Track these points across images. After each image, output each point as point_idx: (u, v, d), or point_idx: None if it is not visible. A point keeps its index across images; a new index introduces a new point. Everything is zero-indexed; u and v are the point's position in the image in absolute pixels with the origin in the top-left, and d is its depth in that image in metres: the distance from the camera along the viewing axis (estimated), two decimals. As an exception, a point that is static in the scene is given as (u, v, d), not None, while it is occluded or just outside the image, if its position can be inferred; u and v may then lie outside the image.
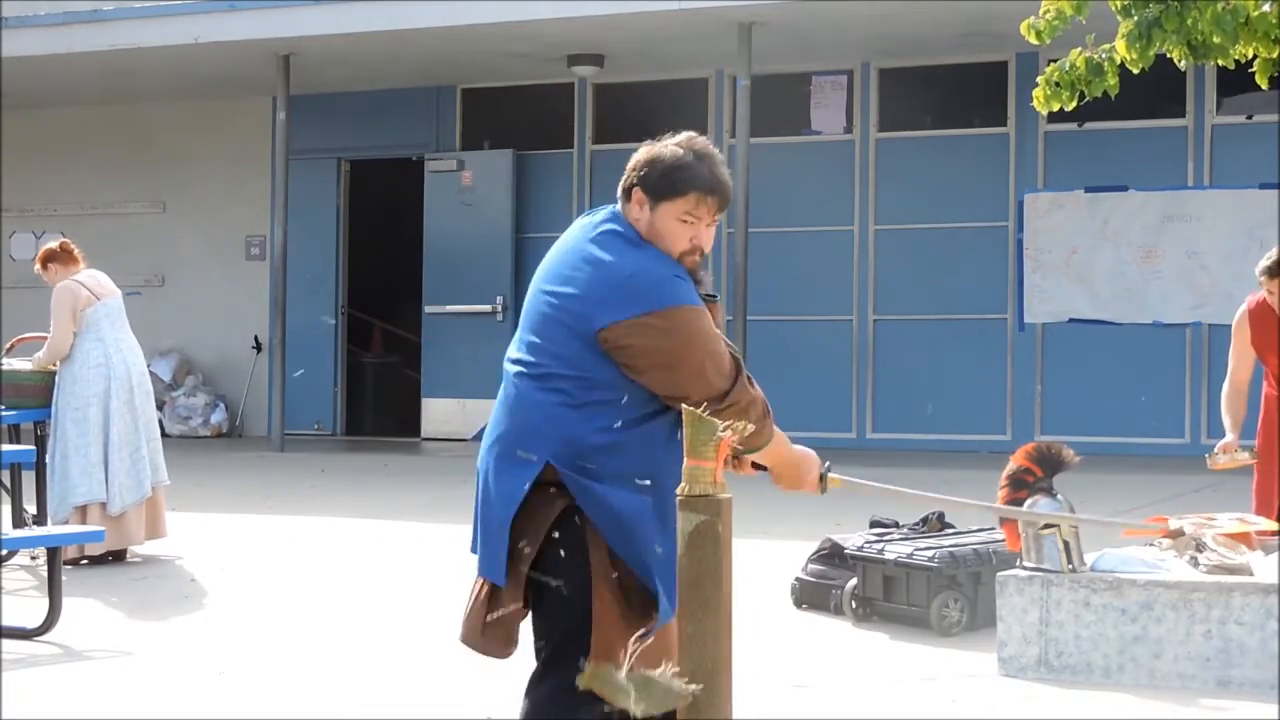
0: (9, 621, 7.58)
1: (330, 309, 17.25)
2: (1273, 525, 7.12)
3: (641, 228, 4.01)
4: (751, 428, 3.86)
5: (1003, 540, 6.87)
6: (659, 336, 3.90)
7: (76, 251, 9.58)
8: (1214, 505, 8.27)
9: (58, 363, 9.40)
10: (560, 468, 3.92)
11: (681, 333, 3.93)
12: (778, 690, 6.37)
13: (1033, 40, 8.27)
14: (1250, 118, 14.09)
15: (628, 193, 4.05)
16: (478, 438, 3.92)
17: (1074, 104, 8.23)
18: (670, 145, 4.04)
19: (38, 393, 9.48)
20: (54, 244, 9.64)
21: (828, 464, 4.17)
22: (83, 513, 9.21)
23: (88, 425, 9.27)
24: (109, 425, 9.32)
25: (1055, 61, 8.43)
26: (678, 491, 3.67)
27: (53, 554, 7.65)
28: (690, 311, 3.95)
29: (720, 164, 4.05)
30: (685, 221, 3.98)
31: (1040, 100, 8.28)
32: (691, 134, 4.09)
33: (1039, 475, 6.51)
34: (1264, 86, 8.54)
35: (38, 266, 9.60)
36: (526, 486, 3.94)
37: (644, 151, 4.06)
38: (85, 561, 9.31)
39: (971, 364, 14.84)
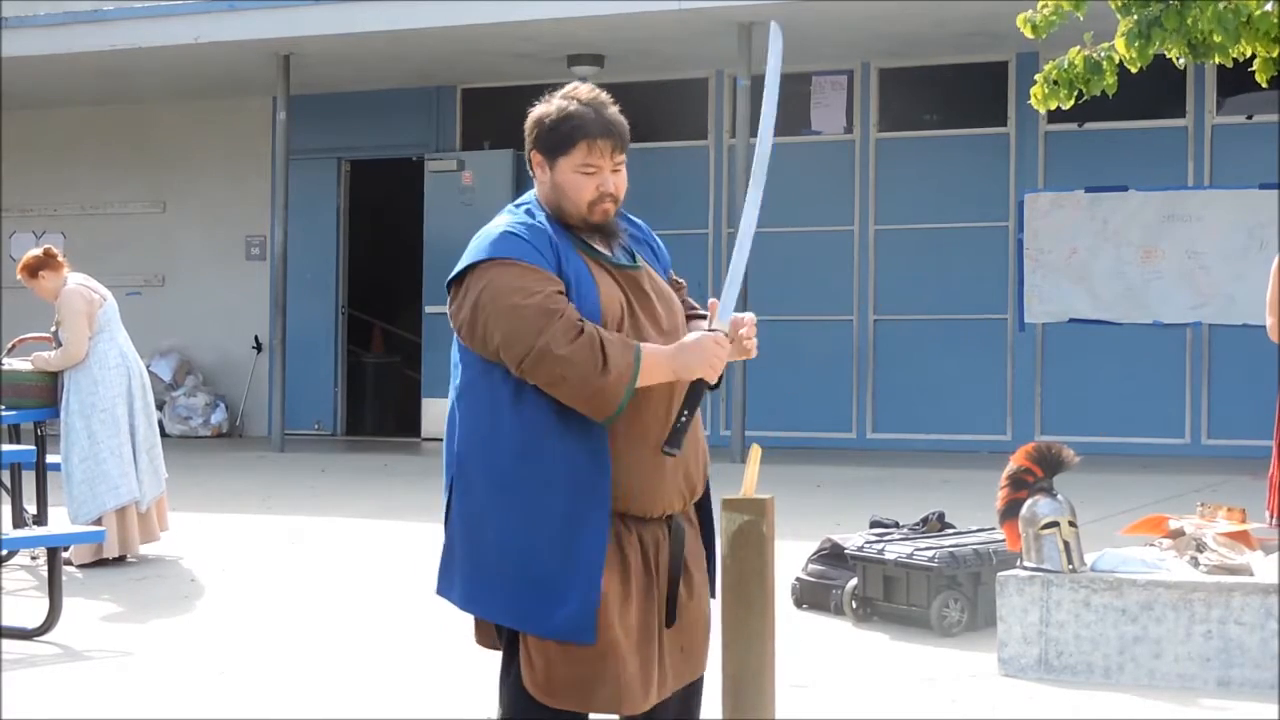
0: (9, 621, 7.58)
1: (331, 308, 17.25)
2: (1254, 524, 7.12)
3: (545, 191, 3.91)
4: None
5: (1003, 540, 6.87)
6: (465, 295, 3.85)
7: (60, 256, 9.58)
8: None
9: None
10: None
11: (478, 289, 3.82)
12: (778, 690, 6.36)
13: (1028, 34, 8.26)
14: (1250, 118, 14.09)
15: (530, 161, 3.94)
16: None
17: (1071, 102, 8.22)
18: (555, 100, 3.90)
19: (38, 393, 9.48)
20: (37, 252, 9.53)
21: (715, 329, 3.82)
22: (120, 512, 9.23)
23: (118, 425, 9.29)
24: (134, 424, 9.36)
25: (1055, 60, 8.43)
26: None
27: (53, 554, 7.65)
28: (496, 269, 3.81)
29: (608, 106, 3.88)
30: (586, 173, 3.84)
31: (1038, 98, 8.27)
32: (575, 86, 3.93)
33: (1039, 475, 6.51)
34: (1264, 85, 8.53)
35: (23, 276, 9.51)
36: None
37: (531, 114, 3.92)
38: (88, 563, 9.30)
39: (971, 364, 14.85)
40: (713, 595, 4.06)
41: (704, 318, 4.04)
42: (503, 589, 3.85)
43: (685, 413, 3.78)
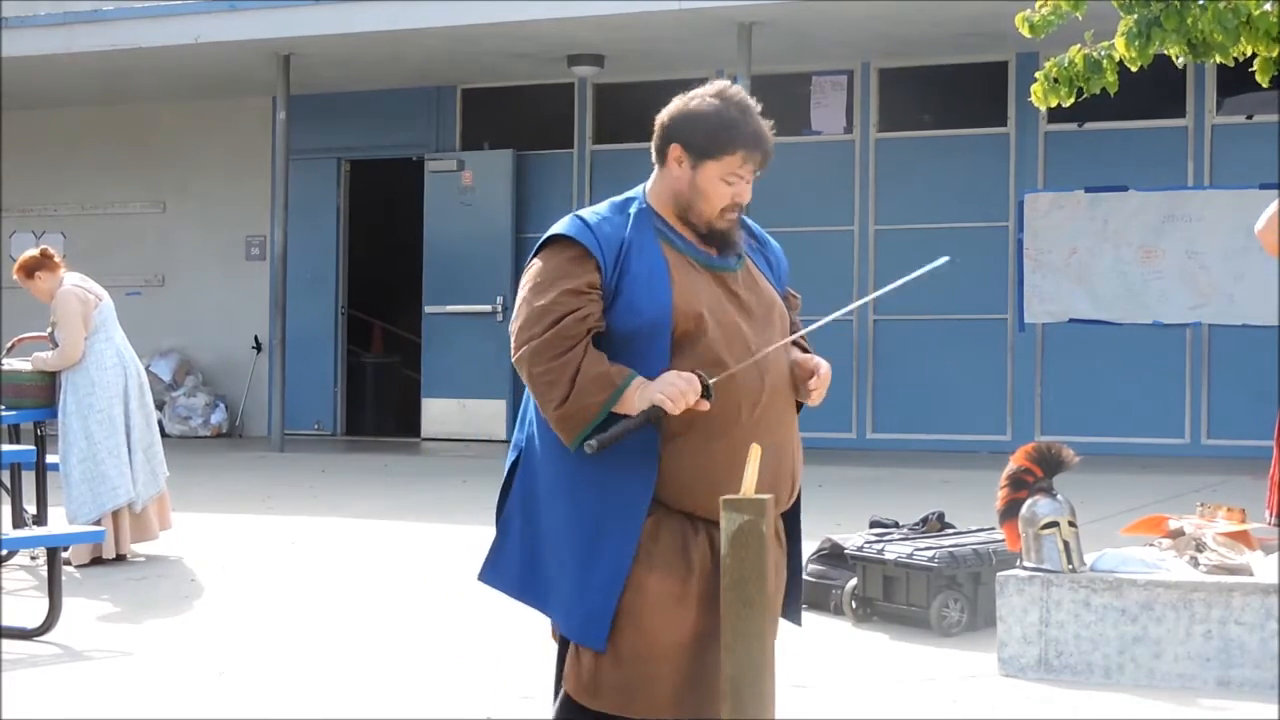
0: (9, 621, 7.58)
1: (330, 308, 17.25)
2: (1254, 524, 7.11)
3: (671, 185, 3.84)
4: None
5: (1003, 540, 6.87)
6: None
7: (57, 257, 9.57)
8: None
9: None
10: None
11: (526, 274, 3.84)
12: (778, 690, 6.36)
13: (1026, 33, 8.26)
14: (1250, 118, 14.09)
15: (661, 152, 3.86)
16: None
17: (1071, 100, 8.23)
18: (707, 98, 3.83)
19: (38, 393, 9.47)
20: (34, 252, 9.53)
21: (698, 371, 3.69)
22: (114, 512, 9.23)
23: (115, 426, 9.29)
24: (130, 424, 9.35)
25: (1055, 59, 8.43)
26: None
27: (53, 554, 7.65)
28: (546, 253, 3.80)
29: (759, 116, 3.83)
30: (729, 182, 3.79)
31: (1038, 96, 8.28)
32: (721, 86, 3.88)
33: (1039, 475, 6.51)
34: (1264, 85, 8.52)
35: (19, 277, 9.50)
36: None
37: (679, 105, 3.86)
38: (84, 564, 9.30)
39: (971, 364, 14.84)
40: (784, 616, 3.89)
41: (805, 350, 4.04)
42: (554, 578, 3.78)
43: (625, 422, 3.64)
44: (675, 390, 3.63)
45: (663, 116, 3.88)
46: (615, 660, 3.69)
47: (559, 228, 3.82)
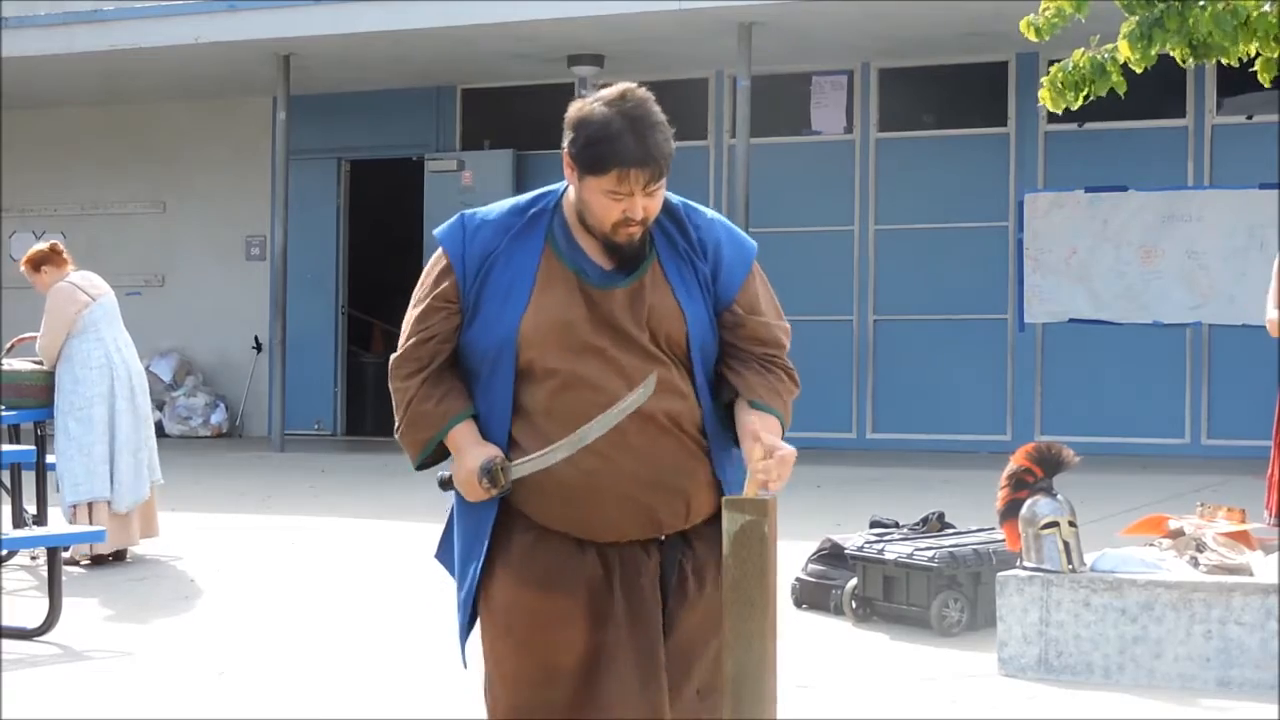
0: (9, 621, 7.58)
1: (331, 308, 17.25)
2: (1254, 524, 7.12)
3: (571, 195, 3.57)
4: None
5: (1003, 540, 6.87)
6: None
7: (65, 253, 9.58)
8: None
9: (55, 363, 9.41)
10: None
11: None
12: (778, 690, 6.36)
13: (1031, 37, 8.28)
14: (1250, 118, 14.09)
15: (562, 158, 3.55)
16: None
17: (1079, 103, 8.26)
18: (599, 106, 3.46)
19: (38, 393, 9.47)
20: (43, 246, 9.56)
21: (495, 459, 3.50)
22: (88, 512, 9.21)
23: (92, 424, 9.27)
24: (115, 425, 9.32)
25: (1057, 62, 8.44)
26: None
27: (53, 554, 7.65)
28: (434, 254, 3.67)
29: (653, 128, 3.45)
30: (614, 199, 3.45)
31: (1048, 100, 8.30)
32: (625, 89, 3.50)
33: (1039, 475, 6.51)
34: (1266, 85, 8.52)
35: (26, 269, 9.54)
36: None
37: (574, 110, 3.51)
38: (86, 563, 9.30)
39: (971, 364, 14.84)
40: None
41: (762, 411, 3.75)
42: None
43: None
44: (468, 486, 3.52)
45: (566, 116, 3.53)
46: (503, 681, 3.61)
47: (440, 227, 3.70)
